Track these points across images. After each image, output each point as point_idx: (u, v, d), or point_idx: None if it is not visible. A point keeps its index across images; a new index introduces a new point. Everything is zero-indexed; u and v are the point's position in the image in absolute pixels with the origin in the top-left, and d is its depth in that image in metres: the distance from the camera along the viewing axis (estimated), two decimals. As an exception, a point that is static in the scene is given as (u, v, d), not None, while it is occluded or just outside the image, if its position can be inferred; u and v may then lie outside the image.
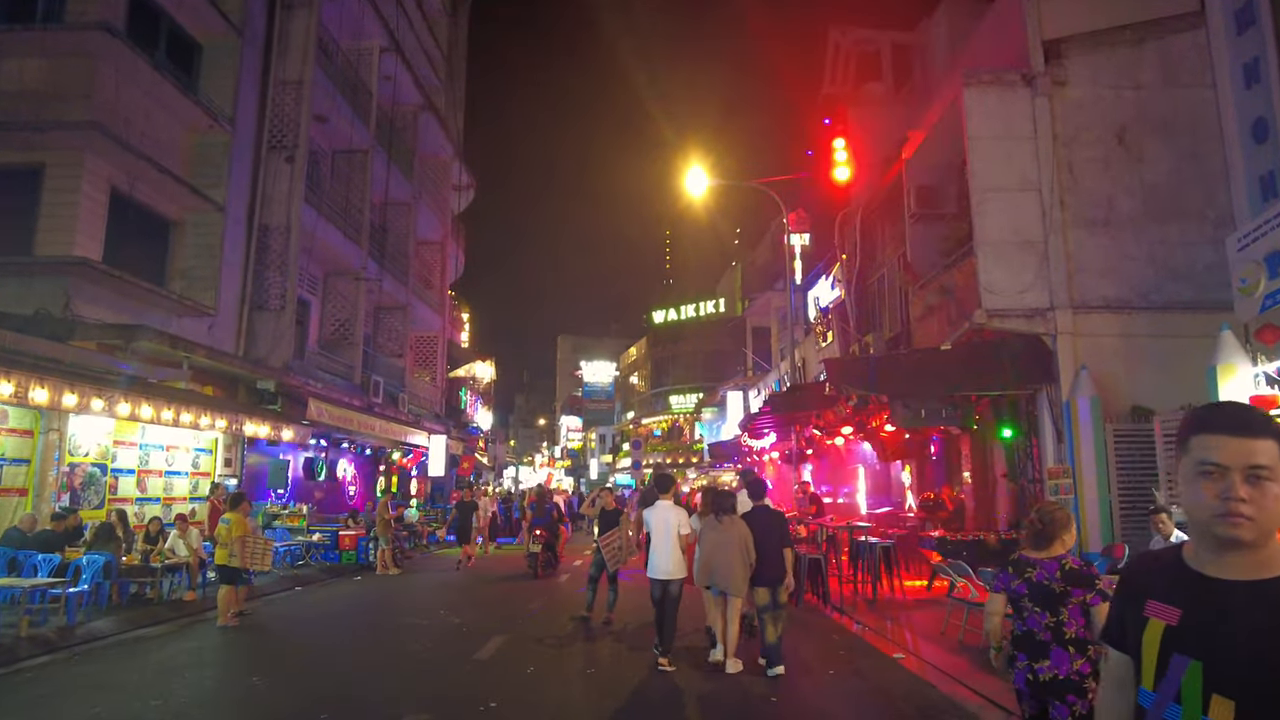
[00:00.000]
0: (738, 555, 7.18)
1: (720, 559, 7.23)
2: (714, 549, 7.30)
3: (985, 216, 11.60)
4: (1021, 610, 3.91)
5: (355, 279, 21.22)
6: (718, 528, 7.33)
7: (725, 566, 7.18)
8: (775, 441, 18.35)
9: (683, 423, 49.85)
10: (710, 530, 7.41)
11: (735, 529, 7.27)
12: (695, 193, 17.55)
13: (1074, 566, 3.81)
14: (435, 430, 25.09)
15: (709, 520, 7.48)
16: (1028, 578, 3.90)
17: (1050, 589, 3.80)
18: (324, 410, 17.16)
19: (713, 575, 7.28)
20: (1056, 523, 3.95)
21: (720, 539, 7.29)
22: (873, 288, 17.06)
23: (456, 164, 30.48)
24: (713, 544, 7.32)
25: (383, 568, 15.00)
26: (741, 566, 7.17)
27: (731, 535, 7.24)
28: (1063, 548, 3.92)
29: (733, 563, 7.17)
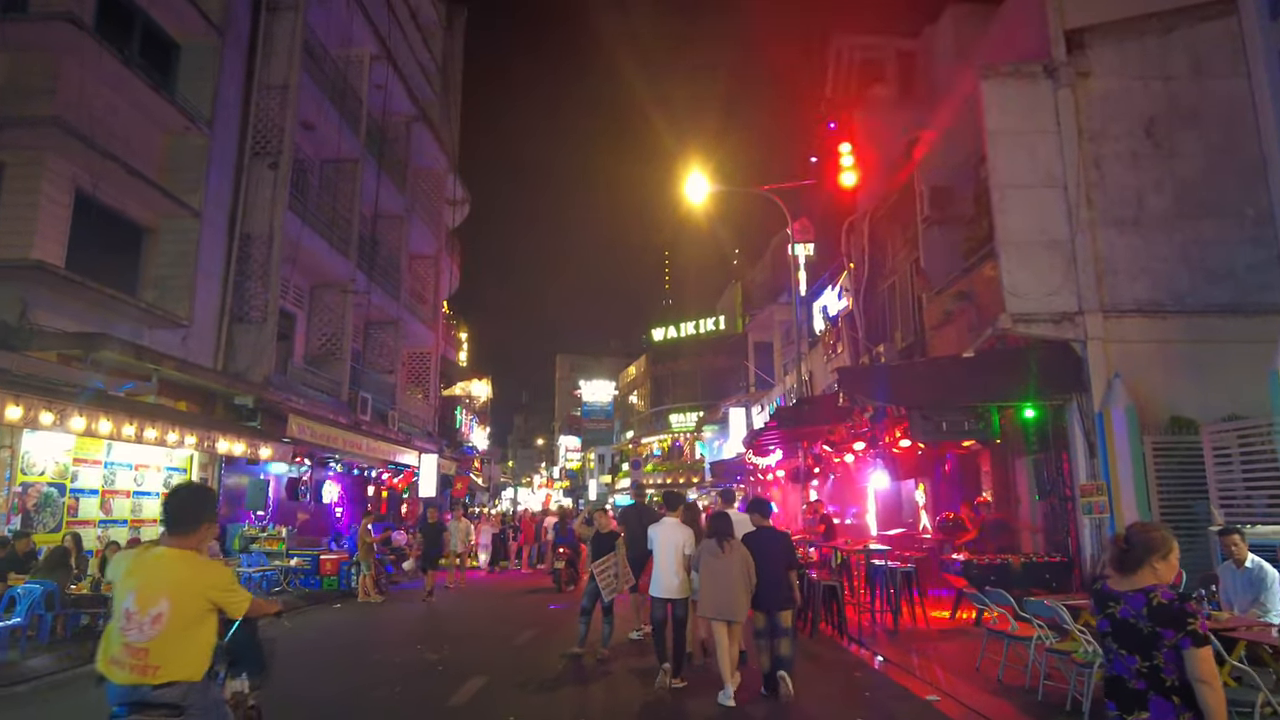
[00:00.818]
0: (740, 581, 6.89)
1: (721, 587, 6.91)
2: (714, 576, 6.96)
3: (1007, 215, 10.84)
4: (1109, 652, 3.13)
5: (343, 291, 20.43)
6: (719, 554, 6.98)
7: (726, 593, 6.88)
8: (781, 459, 17.50)
9: (683, 442, 48.92)
10: (710, 557, 7.04)
11: (736, 554, 6.96)
12: (696, 199, 16.84)
13: (1163, 601, 3.00)
14: (427, 449, 24.21)
15: (708, 545, 7.11)
16: (1110, 613, 3.09)
17: (1136, 628, 3.00)
18: (306, 428, 16.31)
19: (715, 604, 6.94)
20: (1147, 545, 3.14)
21: (720, 566, 6.95)
22: (882, 297, 16.28)
23: (451, 177, 29.79)
24: (712, 571, 6.98)
25: (364, 595, 14.09)
26: (744, 593, 6.91)
27: (732, 561, 6.92)
28: (1154, 577, 3.11)
29: (735, 589, 6.88)
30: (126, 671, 3.31)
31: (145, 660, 3.30)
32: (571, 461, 73.76)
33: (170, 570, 3.44)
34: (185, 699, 3.35)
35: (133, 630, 3.32)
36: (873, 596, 10.34)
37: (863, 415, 11.23)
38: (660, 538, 7.70)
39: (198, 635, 3.44)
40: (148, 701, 3.31)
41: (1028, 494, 12.46)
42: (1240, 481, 9.09)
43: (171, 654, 3.34)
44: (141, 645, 3.30)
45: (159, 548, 3.59)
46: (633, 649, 9.55)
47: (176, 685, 3.33)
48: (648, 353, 55.17)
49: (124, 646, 3.32)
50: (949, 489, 15.08)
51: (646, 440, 52.74)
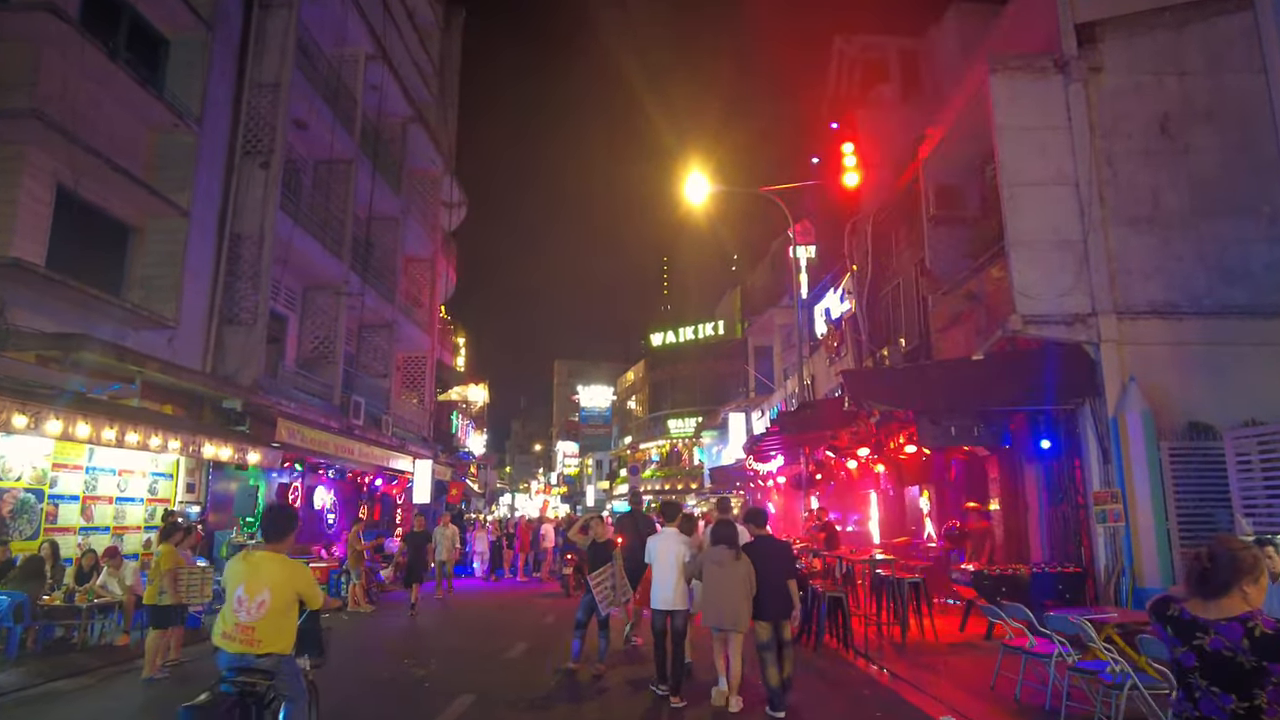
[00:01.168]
0: (742, 590, 6.80)
1: (724, 595, 6.81)
2: (716, 585, 6.86)
3: (1017, 213, 10.50)
4: (1191, 689, 2.71)
5: (336, 294, 20.07)
6: (722, 563, 6.90)
7: (729, 603, 6.78)
8: (783, 465, 17.11)
9: (682, 447, 48.54)
10: (715, 565, 6.94)
11: (740, 564, 6.88)
12: (696, 200, 16.51)
13: (1268, 631, 2.60)
14: (421, 455, 23.82)
15: (713, 554, 7.00)
16: (1198, 645, 2.68)
17: (1234, 662, 2.60)
18: (296, 432, 15.93)
19: (717, 613, 6.85)
20: (1235, 566, 2.72)
21: (723, 575, 6.86)
22: (886, 299, 15.94)
23: (447, 179, 29.48)
24: (715, 580, 6.88)
25: (354, 604, 13.68)
26: (745, 601, 6.82)
27: (736, 571, 6.84)
28: (1245, 603, 2.70)
29: (736, 598, 6.79)
30: (237, 644, 4.43)
31: (252, 635, 4.42)
32: (569, 467, 73.32)
33: (269, 568, 4.54)
34: (277, 666, 4.49)
35: (242, 613, 4.43)
36: (878, 608, 9.96)
37: (868, 419, 10.87)
38: (659, 549, 7.59)
39: (288, 618, 4.55)
40: (251, 666, 4.44)
41: (1037, 501, 12.10)
42: (1261, 489, 8.72)
43: (270, 632, 4.44)
44: (249, 624, 4.43)
45: (259, 551, 4.75)
46: (625, 659, 9.39)
47: (272, 655, 4.46)
48: (646, 358, 54.81)
49: (235, 625, 4.44)
50: (955, 496, 14.71)
51: (645, 446, 52.35)
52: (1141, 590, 9.20)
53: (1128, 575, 9.36)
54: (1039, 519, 12.15)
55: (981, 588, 9.28)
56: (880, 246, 16.24)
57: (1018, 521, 12.44)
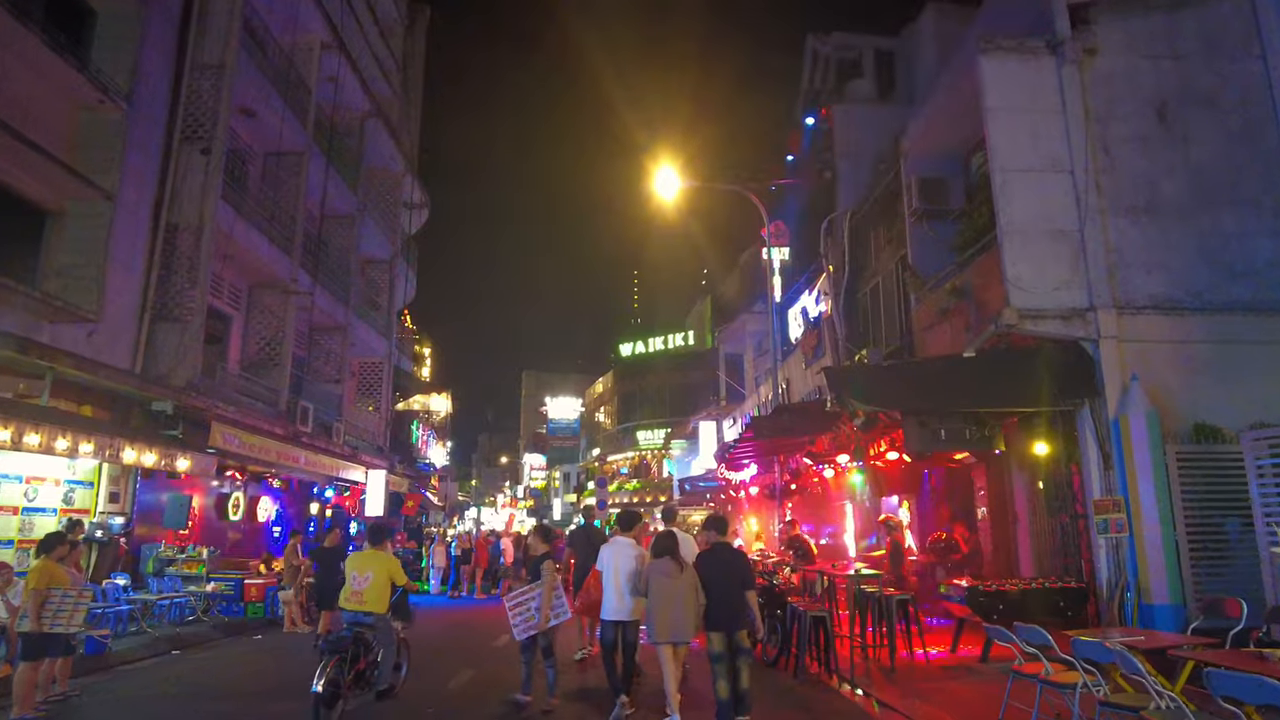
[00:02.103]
0: (689, 601, 6.63)
1: (671, 608, 6.61)
2: (667, 598, 6.64)
3: (1010, 200, 9.80)
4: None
5: (284, 293, 18.90)
6: (672, 575, 6.68)
7: (677, 615, 6.60)
8: (756, 474, 16.27)
9: (651, 459, 47.59)
10: (662, 577, 6.70)
11: (688, 574, 6.71)
12: (667, 196, 15.70)
13: None
14: (375, 465, 22.62)
15: (658, 565, 6.76)
16: None
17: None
18: (234, 437, 14.76)
19: (664, 627, 6.62)
20: None
21: (673, 587, 6.65)
22: (864, 300, 15.22)
23: (409, 179, 28.41)
24: (666, 593, 6.65)
25: (290, 624, 12.52)
26: (692, 613, 6.64)
27: (684, 581, 6.66)
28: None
29: (683, 610, 6.60)
30: (353, 605, 7.30)
31: (362, 600, 7.30)
32: (536, 480, 71.97)
33: (373, 558, 7.55)
34: (378, 622, 7.38)
35: (357, 585, 7.33)
36: (862, 628, 9.09)
37: (850, 422, 10.06)
38: (611, 558, 7.40)
39: (385, 591, 7.43)
40: (361, 621, 7.26)
41: (1026, 512, 11.37)
42: (1274, 494, 8.02)
43: (373, 598, 7.32)
44: (360, 592, 7.31)
45: (370, 549, 7.76)
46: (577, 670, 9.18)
47: (374, 614, 7.34)
48: (615, 368, 53.89)
49: (353, 592, 7.32)
50: (937, 506, 13.98)
51: (613, 458, 51.32)
52: (1148, 607, 8.46)
53: (1132, 590, 8.61)
54: (1028, 531, 11.43)
55: (977, 605, 8.47)
56: (858, 245, 15.53)
57: (1005, 533, 11.70)
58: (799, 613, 8.30)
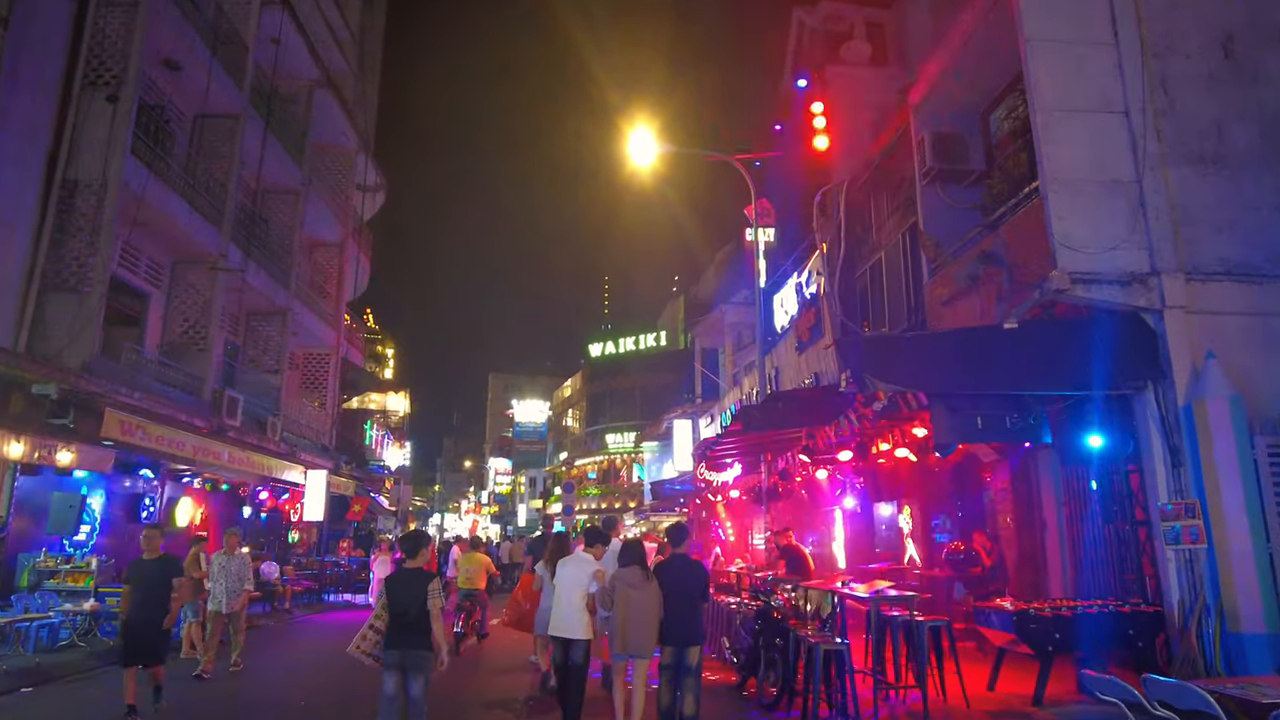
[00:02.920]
0: (654, 613, 6.39)
1: (638, 619, 6.34)
2: (630, 608, 6.34)
3: (1055, 145, 8.19)
4: None
5: (211, 269, 16.82)
6: (636, 585, 6.40)
7: (642, 627, 6.33)
8: (740, 474, 14.54)
9: (620, 464, 45.74)
10: (628, 589, 6.38)
11: (653, 585, 6.44)
12: (642, 162, 13.95)
13: None
14: (316, 464, 20.50)
15: (624, 575, 6.44)
16: None
17: None
18: (135, 428, 12.71)
19: (628, 639, 6.32)
20: None
21: (637, 597, 6.37)
22: (863, 279, 13.59)
23: (363, 158, 26.36)
24: (633, 605, 6.35)
25: (189, 649, 10.49)
26: (656, 625, 6.39)
27: (651, 594, 6.39)
28: None
29: (648, 622, 6.35)
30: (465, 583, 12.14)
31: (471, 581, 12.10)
32: (501, 485, 69.71)
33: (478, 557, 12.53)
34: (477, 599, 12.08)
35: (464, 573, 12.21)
36: (879, 660, 7.35)
37: (866, 409, 8.36)
38: (566, 572, 6.96)
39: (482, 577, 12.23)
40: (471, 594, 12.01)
41: (1058, 517, 9.77)
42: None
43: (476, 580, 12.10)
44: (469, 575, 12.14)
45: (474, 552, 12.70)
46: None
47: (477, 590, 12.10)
48: (584, 369, 52.01)
49: (466, 576, 12.12)
50: (946, 512, 12.34)
51: (581, 462, 49.38)
52: (1236, 636, 6.84)
53: (1213, 615, 6.99)
54: (1060, 540, 9.83)
55: (1027, 633, 6.77)
56: (856, 220, 13.90)
57: (1032, 543, 10.07)
58: (809, 645, 6.54)
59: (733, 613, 9.12)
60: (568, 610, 6.71)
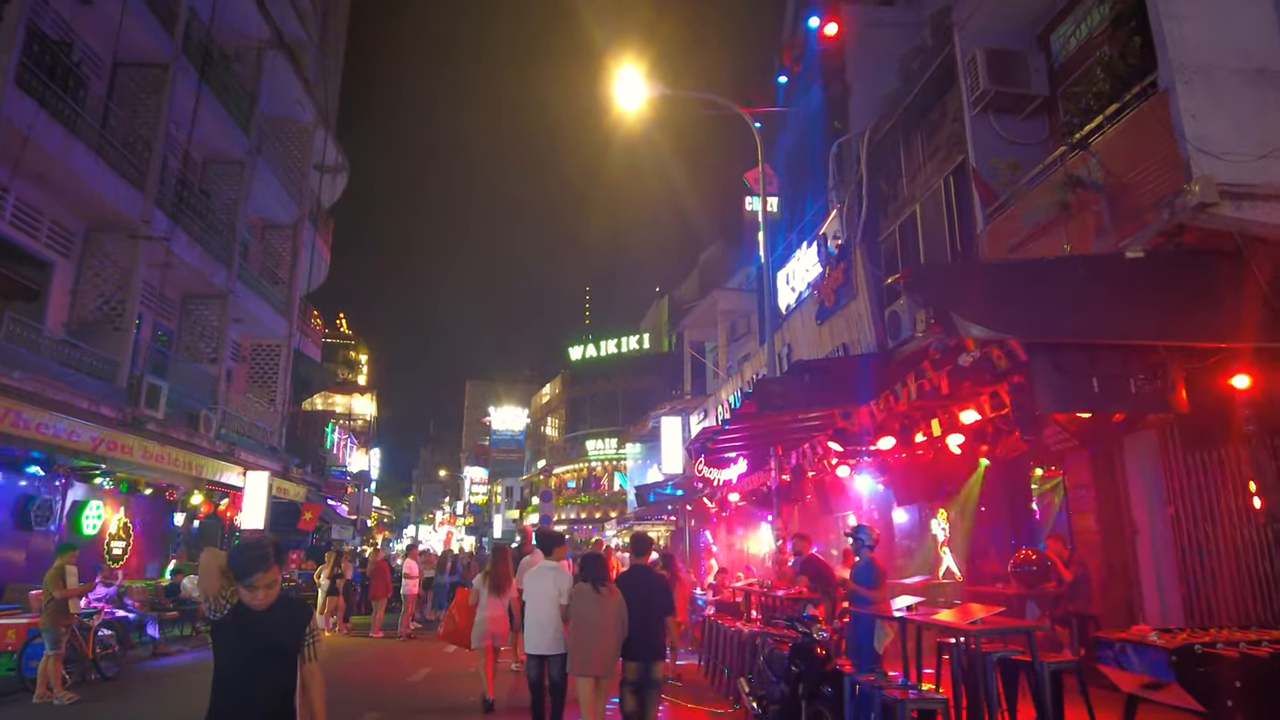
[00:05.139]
0: (614, 630, 6.04)
1: (595, 637, 6.00)
2: (589, 626, 6.04)
3: (1181, 22, 6.19)
4: None
5: (131, 237, 14.57)
6: (596, 601, 6.08)
7: (600, 646, 5.98)
8: (746, 472, 12.40)
9: (601, 472, 43.47)
10: (583, 604, 6.12)
11: (613, 600, 6.10)
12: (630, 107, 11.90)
13: None
14: (258, 465, 18.14)
15: (580, 590, 6.20)
16: None
17: None
18: (7, 413, 10.40)
19: (586, 658, 6.00)
20: None
21: (596, 615, 6.04)
22: (890, 242, 11.57)
23: (322, 135, 24.12)
24: (587, 621, 6.06)
25: (44, 691, 8.16)
26: (618, 643, 6.07)
27: (608, 608, 6.05)
28: None
29: (609, 640, 6.01)
30: None
31: None
32: (477, 495, 67.10)
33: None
34: None
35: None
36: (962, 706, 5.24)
37: (940, 368, 6.25)
38: (533, 584, 6.72)
39: None
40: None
41: (1153, 520, 7.77)
42: None
43: None
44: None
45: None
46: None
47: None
48: (564, 374, 49.69)
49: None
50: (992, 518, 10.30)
51: (560, 470, 47.04)
52: None
53: None
54: (1154, 549, 7.83)
55: (1191, 677, 4.70)
56: (879, 172, 11.90)
57: (1121, 553, 8.04)
58: (886, 701, 4.41)
59: (755, 646, 7.00)
60: (543, 624, 6.49)
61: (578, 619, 6.13)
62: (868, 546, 7.21)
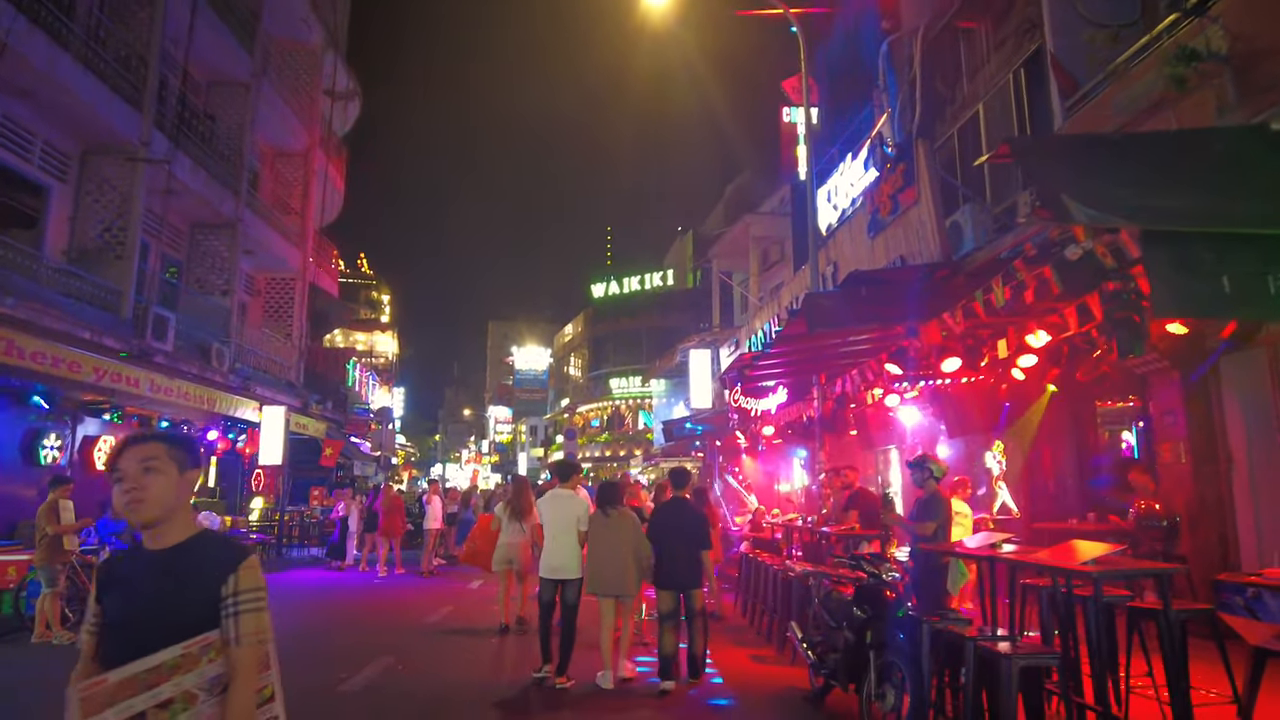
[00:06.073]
0: (627, 553, 6.25)
1: (609, 559, 6.25)
2: (601, 548, 6.32)
3: None
4: None
5: (130, 159, 13.79)
6: (606, 523, 6.35)
7: (613, 567, 6.23)
8: (786, 402, 11.57)
9: (625, 410, 43.00)
10: (596, 526, 6.39)
11: (625, 522, 6.35)
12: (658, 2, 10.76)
13: None
14: (275, 400, 17.64)
15: (596, 516, 6.45)
16: None
17: None
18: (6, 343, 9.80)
19: (601, 579, 6.26)
20: None
21: (607, 537, 6.30)
22: (949, 149, 10.49)
23: (332, 58, 22.99)
24: (601, 542, 6.33)
25: (43, 630, 7.70)
26: (632, 565, 6.24)
27: (622, 530, 6.29)
28: None
29: (621, 562, 6.23)
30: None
31: None
32: (502, 434, 67.23)
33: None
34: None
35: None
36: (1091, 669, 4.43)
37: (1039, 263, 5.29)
38: (550, 511, 6.73)
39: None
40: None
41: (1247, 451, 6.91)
42: None
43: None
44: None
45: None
46: None
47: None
48: (587, 312, 48.91)
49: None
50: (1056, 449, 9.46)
51: (584, 409, 46.66)
52: None
53: None
54: (1249, 482, 6.99)
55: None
56: (935, 73, 10.74)
57: (1216, 489, 7.20)
58: (986, 657, 3.65)
59: (807, 588, 6.28)
60: (559, 549, 6.56)
61: (592, 541, 6.41)
62: (934, 478, 6.40)
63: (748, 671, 6.74)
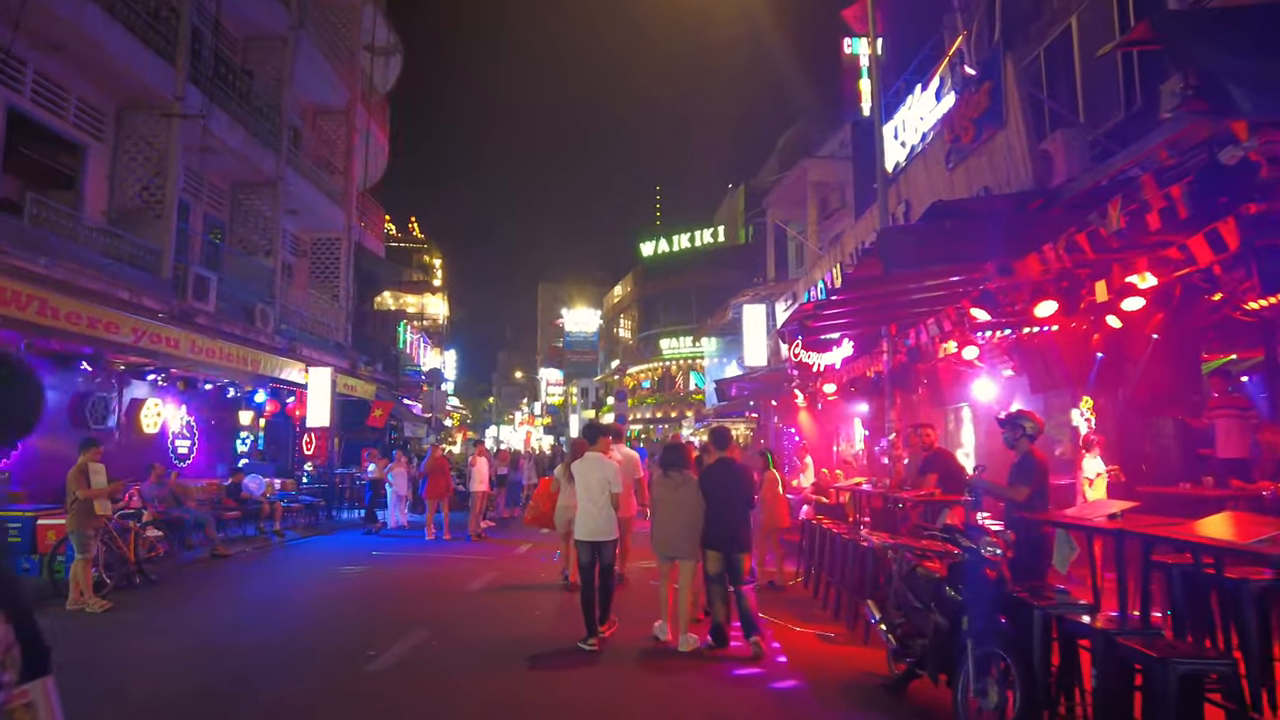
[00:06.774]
0: (690, 516, 6.35)
1: (672, 522, 6.42)
2: (665, 511, 6.50)
3: None
4: None
5: (164, 115, 13.44)
6: (666, 485, 6.53)
7: (676, 529, 6.39)
8: (852, 356, 10.72)
9: (675, 370, 42.31)
10: (661, 490, 6.57)
11: (689, 488, 6.43)
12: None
13: None
14: (321, 362, 17.41)
15: (657, 477, 6.71)
16: None
17: None
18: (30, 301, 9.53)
19: (664, 541, 6.45)
20: None
21: (671, 500, 6.46)
22: (1033, 70, 9.38)
23: (370, 11, 22.35)
24: (664, 505, 6.52)
25: (77, 598, 7.44)
26: (695, 529, 6.35)
27: (686, 496, 6.40)
28: None
29: (684, 525, 6.37)
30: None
31: None
32: (553, 396, 67.30)
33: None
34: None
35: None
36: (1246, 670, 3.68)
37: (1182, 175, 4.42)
38: (584, 474, 6.76)
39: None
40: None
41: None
42: None
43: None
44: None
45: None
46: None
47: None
48: (636, 271, 48.10)
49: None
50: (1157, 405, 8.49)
51: (634, 370, 46.14)
52: None
53: None
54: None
55: None
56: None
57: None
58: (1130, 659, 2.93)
59: (884, 561, 5.58)
60: (593, 512, 6.61)
61: (654, 503, 6.63)
62: (1028, 437, 5.57)
63: (815, 652, 6.11)
